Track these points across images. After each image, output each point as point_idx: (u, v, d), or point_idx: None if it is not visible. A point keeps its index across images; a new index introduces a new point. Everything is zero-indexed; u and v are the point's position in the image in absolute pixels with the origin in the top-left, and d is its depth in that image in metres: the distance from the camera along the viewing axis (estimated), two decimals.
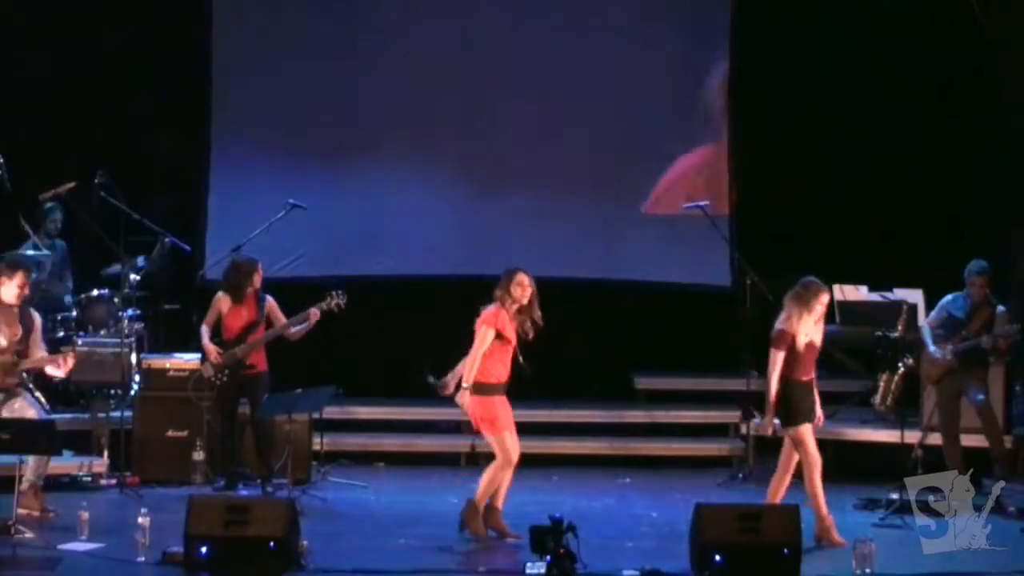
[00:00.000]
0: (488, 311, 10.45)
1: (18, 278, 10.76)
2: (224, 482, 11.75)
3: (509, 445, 10.36)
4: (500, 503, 10.39)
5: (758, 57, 14.52)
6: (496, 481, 10.32)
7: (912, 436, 11.77)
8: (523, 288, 10.45)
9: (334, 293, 11.82)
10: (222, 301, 11.88)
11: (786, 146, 14.45)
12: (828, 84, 14.38)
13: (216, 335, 11.87)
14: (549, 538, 8.99)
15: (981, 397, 11.75)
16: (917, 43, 14.32)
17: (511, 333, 10.44)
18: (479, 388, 10.33)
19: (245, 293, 11.82)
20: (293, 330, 11.86)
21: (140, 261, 12.79)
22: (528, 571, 9.01)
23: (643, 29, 14.73)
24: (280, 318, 11.90)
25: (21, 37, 14.06)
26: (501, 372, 10.42)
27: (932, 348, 11.77)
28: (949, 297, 11.90)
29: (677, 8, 14.82)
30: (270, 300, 11.94)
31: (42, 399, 12.54)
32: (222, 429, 11.90)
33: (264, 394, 11.70)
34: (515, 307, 10.46)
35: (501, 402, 10.43)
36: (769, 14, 14.51)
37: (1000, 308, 11.76)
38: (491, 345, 10.38)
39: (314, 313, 11.77)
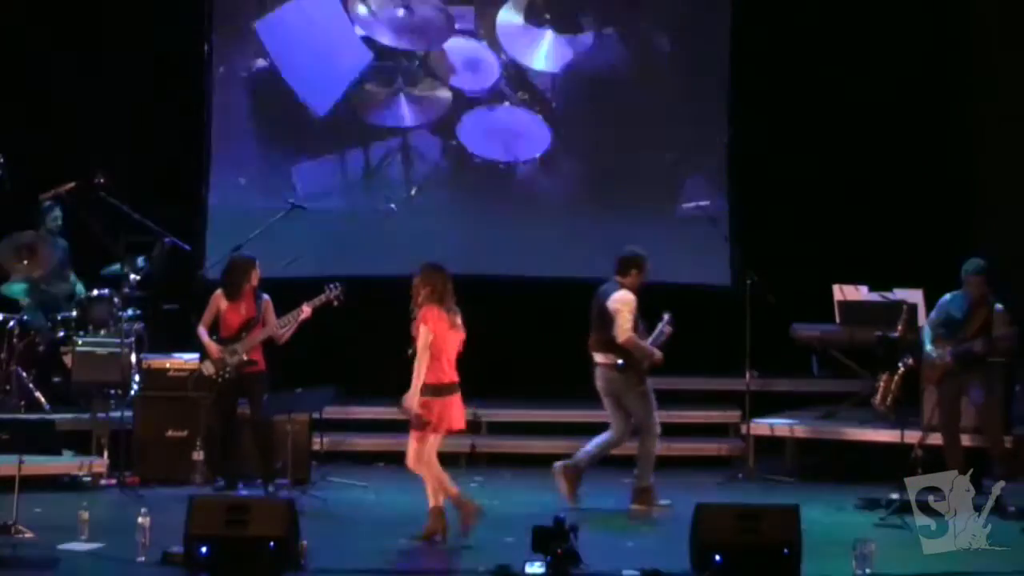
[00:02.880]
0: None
1: None
2: (224, 482, 11.75)
3: None
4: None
5: (758, 57, 14.52)
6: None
7: (912, 436, 11.76)
8: None
9: (331, 286, 11.80)
10: (219, 299, 11.87)
11: (786, 146, 14.45)
12: (828, 84, 14.39)
13: (214, 334, 11.85)
14: (551, 538, 8.98)
15: (982, 397, 11.75)
16: (917, 43, 14.33)
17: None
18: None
19: (242, 291, 11.79)
20: (281, 331, 11.82)
21: (140, 261, 12.80)
22: (528, 570, 9.01)
23: (644, 24, 14.75)
24: (272, 319, 11.87)
25: (22, 37, 14.07)
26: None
27: (929, 348, 11.78)
28: (948, 296, 11.90)
29: (677, 6, 14.82)
30: (266, 299, 11.92)
31: (42, 399, 12.60)
32: (221, 429, 11.88)
33: (264, 393, 11.70)
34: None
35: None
36: (770, 13, 14.51)
37: (998, 307, 11.76)
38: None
39: (305, 310, 11.73)
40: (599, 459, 11.62)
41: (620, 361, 11.36)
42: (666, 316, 11.62)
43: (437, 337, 10.18)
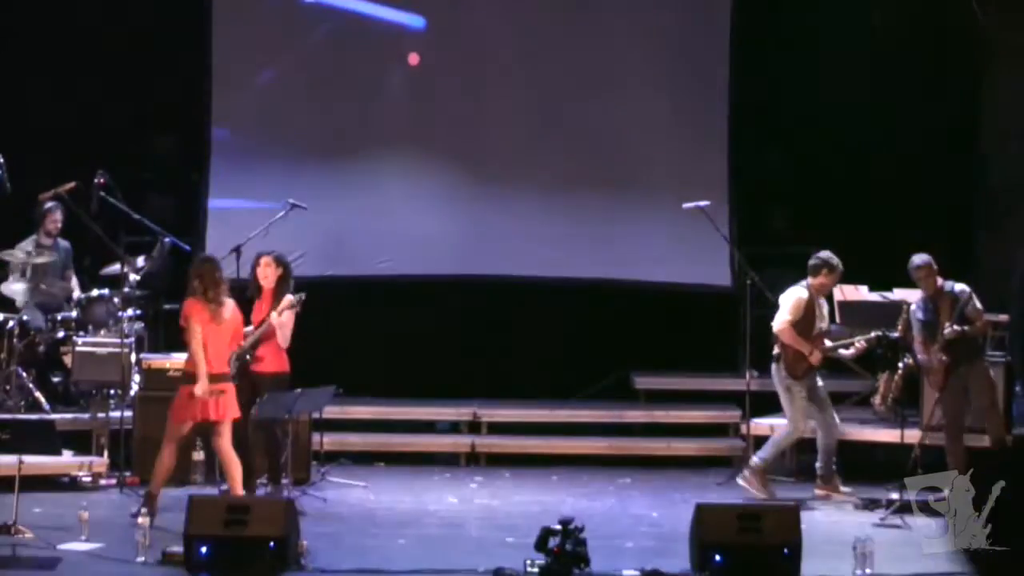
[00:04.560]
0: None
1: None
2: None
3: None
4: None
5: (758, 57, 14.51)
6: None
7: (912, 436, 11.77)
8: None
9: (296, 296, 11.57)
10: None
11: (786, 146, 14.45)
12: (828, 84, 14.38)
13: None
14: (558, 538, 8.98)
15: (983, 397, 11.74)
16: (916, 43, 14.32)
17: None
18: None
19: (259, 286, 11.57)
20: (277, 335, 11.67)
21: (140, 261, 12.79)
22: (529, 569, 9.03)
23: (644, 25, 14.74)
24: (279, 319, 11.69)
25: (21, 37, 14.06)
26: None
27: (921, 356, 11.78)
28: (912, 306, 11.93)
29: (678, 6, 14.82)
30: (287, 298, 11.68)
31: (42, 399, 12.59)
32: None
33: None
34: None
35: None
36: (770, 13, 14.51)
37: (959, 288, 11.72)
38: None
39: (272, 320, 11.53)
40: (780, 453, 11.93)
41: (775, 351, 11.69)
42: (875, 333, 11.77)
43: (201, 329, 10.43)
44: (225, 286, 10.67)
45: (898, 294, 12.55)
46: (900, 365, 12.02)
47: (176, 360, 12.36)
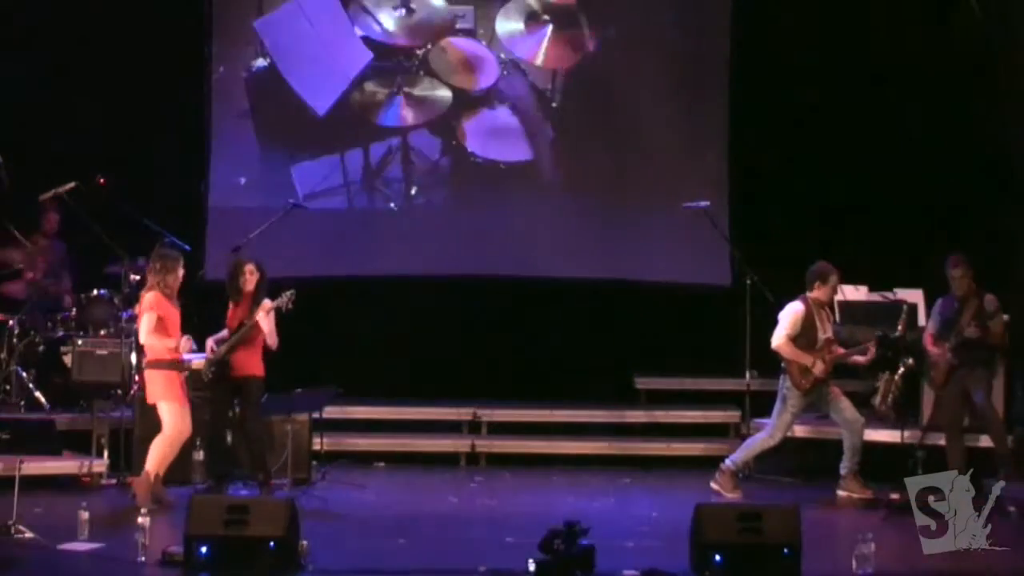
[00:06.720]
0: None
1: None
2: (213, 483, 11.64)
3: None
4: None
5: (758, 57, 14.51)
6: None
7: (912, 436, 11.77)
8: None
9: (285, 294, 11.61)
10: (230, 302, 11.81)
11: (786, 146, 14.45)
12: (828, 84, 14.38)
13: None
14: (559, 540, 8.99)
15: (984, 398, 11.75)
16: (917, 43, 14.32)
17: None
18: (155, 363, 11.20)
19: (240, 292, 11.68)
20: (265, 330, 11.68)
21: (140, 261, 12.79)
22: (530, 568, 9.03)
23: (645, 27, 14.75)
24: (263, 322, 11.68)
25: (21, 37, 14.06)
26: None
27: (932, 350, 11.79)
28: (939, 301, 11.96)
29: (679, 9, 14.82)
30: (265, 302, 11.78)
31: (42, 399, 12.60)
32: (211, 431, 11.79)
33: (255, 396, 11.55)
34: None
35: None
36: (769, 13, 14.51)
37: (988, 297, 11.76)
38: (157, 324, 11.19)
39: (265, 305, 11.58)
40: (752, 457, 12.01)
41: (783, 364, 11.73)
42: (876, 334, 11.79)
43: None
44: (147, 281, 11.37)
45: (898, 294, 12.56)
46: (900, 365, 12.02)
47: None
